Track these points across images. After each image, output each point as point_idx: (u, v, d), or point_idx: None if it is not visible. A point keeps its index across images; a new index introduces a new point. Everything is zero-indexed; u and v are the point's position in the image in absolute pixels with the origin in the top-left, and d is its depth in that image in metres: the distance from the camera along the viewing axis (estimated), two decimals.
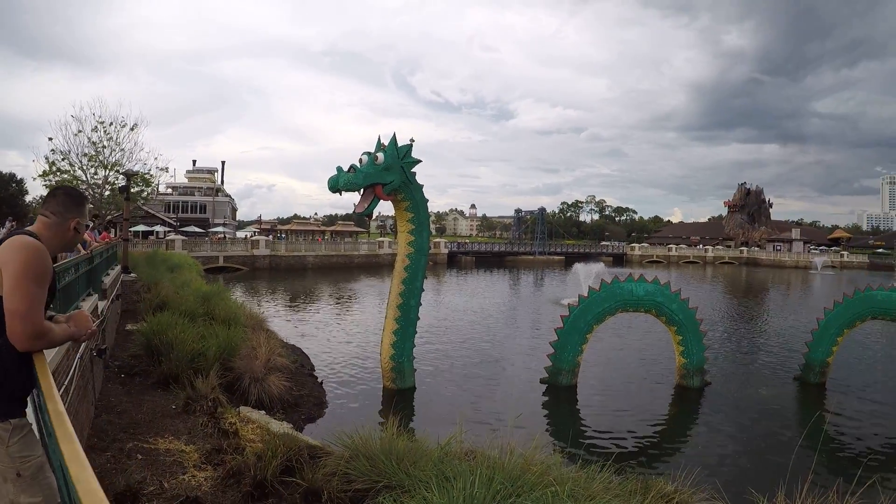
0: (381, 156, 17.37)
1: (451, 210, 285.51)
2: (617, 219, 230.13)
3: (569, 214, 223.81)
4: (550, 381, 21.36)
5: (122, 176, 35.12)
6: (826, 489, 7.25)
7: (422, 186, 19.05)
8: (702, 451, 16.69)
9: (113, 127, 42.03)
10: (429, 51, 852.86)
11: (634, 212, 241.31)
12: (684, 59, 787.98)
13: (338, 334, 29.85)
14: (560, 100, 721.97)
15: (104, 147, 41.88)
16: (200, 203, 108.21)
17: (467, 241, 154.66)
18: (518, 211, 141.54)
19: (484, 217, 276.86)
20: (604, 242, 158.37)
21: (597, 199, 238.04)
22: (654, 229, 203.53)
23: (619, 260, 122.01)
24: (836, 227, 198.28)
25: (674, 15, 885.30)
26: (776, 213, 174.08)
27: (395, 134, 17.94)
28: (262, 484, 7.48)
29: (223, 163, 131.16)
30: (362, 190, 17.17)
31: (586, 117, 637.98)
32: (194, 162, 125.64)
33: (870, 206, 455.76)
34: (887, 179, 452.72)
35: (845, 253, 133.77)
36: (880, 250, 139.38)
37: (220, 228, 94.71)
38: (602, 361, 25.81)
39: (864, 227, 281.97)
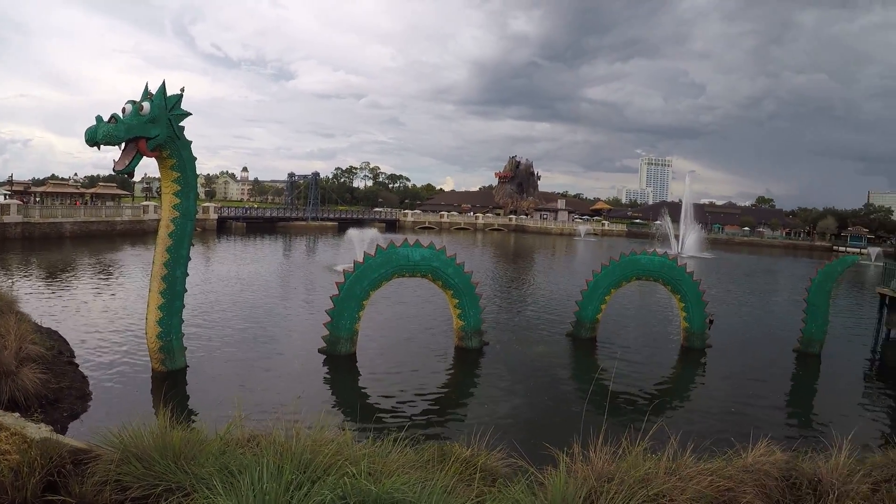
0: (146, 105, 15.73)
1: (222, 173, 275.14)
2: (391, 186, 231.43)
3: (343, 180, 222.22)
4: (329, 350, 21.18)
5: None
6: (618, 436, 7.41)
7: (190, 143, 17.58)
8: (491, 410, 17.25)
9: None
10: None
11: (408, 179, 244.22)
12: (471, 37, 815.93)
13: (100, 313, 27.14)
14: (343, 64, 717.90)
15: None
16: None
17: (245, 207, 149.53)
18: (291, 175, 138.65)
19: (256, 181, 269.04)
20: (377, 209, 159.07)
21: (371, 166, 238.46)
22: (426, 197, 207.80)
23: (391, 226, 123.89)
24: (598, 200, 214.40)
25: None
26: (544, 185, 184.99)
27: (164, 82, 16.41)
28: None
29: None
30: (124, 144, 15.34)
31: (368, 84, 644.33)
32: None
33: (629, 182, 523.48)
34: (645, 160, 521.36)
35: (606, 222, 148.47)
36: (637, 220, 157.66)
37: None
38: (381, 328, 25.89)
39: (624, 201, 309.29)
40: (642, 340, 27.05)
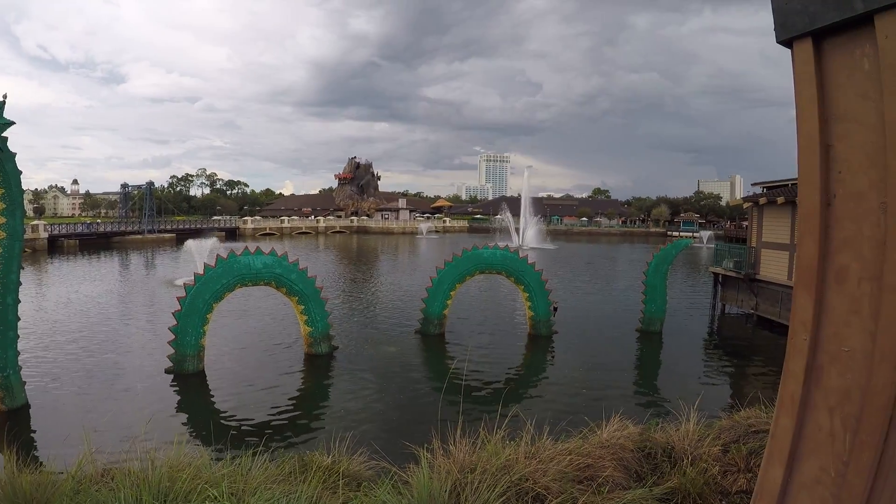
0: None
1: (51, 187, 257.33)
2: (229, 192, 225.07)
3: (179, 189, 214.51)
4: (177, 369, 20.44)
5: None
6: (476, 427, 7.52)
7: (14, 155, 16.50)
8: (348, 415, 17.20)
9: None
10: None
11: (246, 185, 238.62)
12: (310, 36, 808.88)
13: None
14: (177, 66, 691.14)
15: None
16: None
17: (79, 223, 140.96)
18: (125, 186, 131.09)
19: (88, 194, 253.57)
20: (216, 217, 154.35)
21: (208, 173, 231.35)
22: (266, 202, 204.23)
23: (232, 234, 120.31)
24: (438, 197, 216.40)
25: None
26: (384, 185, 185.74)
27: None
28: None
29: None
30: None
31: (203, 87, 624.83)
32: None
33: (468, 179, 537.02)
34: (484, 157, 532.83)
35: (448, 219, 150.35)
36: (478, 216, 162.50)
37: None
38: (228, 342, 25.27)
39: (464, 197, 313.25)
40: (490, 332, 27.75)
